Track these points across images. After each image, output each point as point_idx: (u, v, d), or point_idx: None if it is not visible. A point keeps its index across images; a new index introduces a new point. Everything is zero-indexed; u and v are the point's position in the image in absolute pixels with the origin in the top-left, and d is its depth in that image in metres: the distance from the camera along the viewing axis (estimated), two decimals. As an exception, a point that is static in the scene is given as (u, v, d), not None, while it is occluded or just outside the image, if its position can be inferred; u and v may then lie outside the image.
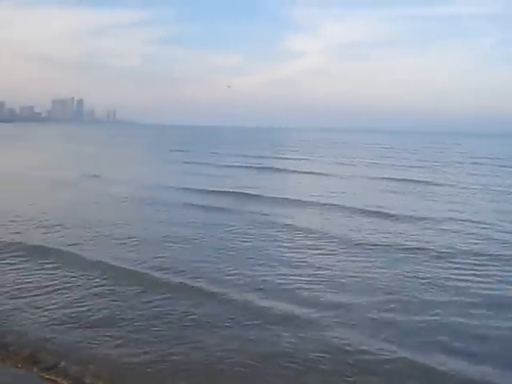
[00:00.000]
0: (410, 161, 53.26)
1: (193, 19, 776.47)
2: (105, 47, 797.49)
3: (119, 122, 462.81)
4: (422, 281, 11.90)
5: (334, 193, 27.13)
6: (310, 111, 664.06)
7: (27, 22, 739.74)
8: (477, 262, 13.55)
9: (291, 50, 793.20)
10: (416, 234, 17.07)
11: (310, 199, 24.21)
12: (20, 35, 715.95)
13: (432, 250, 14.81)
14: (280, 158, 53.46)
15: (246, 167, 41.90)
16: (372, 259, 13.83)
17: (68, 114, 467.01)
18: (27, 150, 59.07)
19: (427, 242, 15.76)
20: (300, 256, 13.96)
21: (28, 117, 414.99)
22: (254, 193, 25.90)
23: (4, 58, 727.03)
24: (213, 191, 26.30)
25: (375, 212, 21.08)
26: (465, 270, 12.90)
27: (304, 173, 38.71)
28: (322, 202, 23.50)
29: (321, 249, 14.91)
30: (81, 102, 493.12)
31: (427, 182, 32.76)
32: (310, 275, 12.18)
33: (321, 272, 12.47)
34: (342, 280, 11.91)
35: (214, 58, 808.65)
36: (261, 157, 54.17)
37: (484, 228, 18.27)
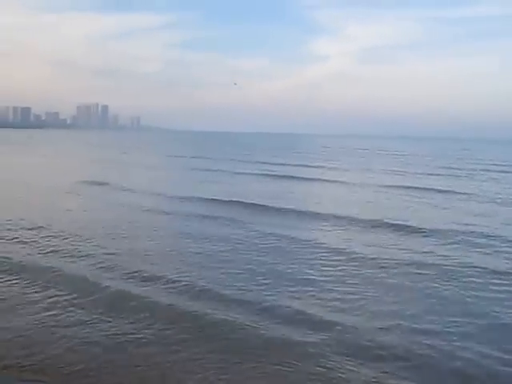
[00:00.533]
0: (435, 168, 51.91)
1: (216, 23, 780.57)
2: (129, 52, 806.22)
3: (143, 128, 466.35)
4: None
5: (354, 204, 26.26)
6: (334, 116, 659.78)
7: (52, 27, 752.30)
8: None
9: (315, 53, 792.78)
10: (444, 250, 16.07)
11: (329, 211, 23.27)
12: (45, 41, 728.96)
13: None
14: (305, 166, 52.56)
15: (267, 175, 41.55)
16: (400, 280, 12.88)
17: (93, 120, 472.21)
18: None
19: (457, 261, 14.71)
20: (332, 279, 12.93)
21: (53, 123, 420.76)
22: (273, 205, 24.96)
23: (29, 63, 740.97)
24: (239, 202, 25.66)
25: (401, 226, 20.07)
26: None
27: (326, 181, 38.02)
28: (341, 214, 22.53)
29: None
30: (105, 107, 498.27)
31: (458, 192, 31.33)
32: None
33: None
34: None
35: (238, 62, 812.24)
36: (285, 164, 53.86)
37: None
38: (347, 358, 8.37)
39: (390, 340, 9.08)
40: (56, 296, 11.09)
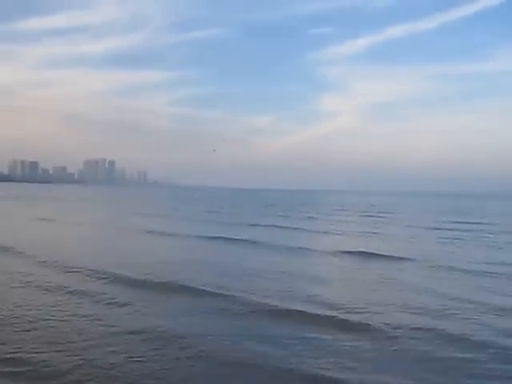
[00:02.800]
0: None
1: (226, 80, 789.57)
2: (138, 108, 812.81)
3: (150, 183, 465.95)
4: None
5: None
6: (343, 172, 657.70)
7: (61, 82, 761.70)
8: None
9: (325, 110, 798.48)
10: None
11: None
12: (53, 95, 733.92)
13: None
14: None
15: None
16: None
17: (100, 174, 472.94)
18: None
19: None
20: None
21: (61, 177, 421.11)
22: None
23: (37, 117, 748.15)
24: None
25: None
26: None
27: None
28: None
29: None
30: (112, 162, 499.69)
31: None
32: None
33: None
34: None
35: (246, 119, 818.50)
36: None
37: None
38: None
39: None
40: None
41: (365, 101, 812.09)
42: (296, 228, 39.66)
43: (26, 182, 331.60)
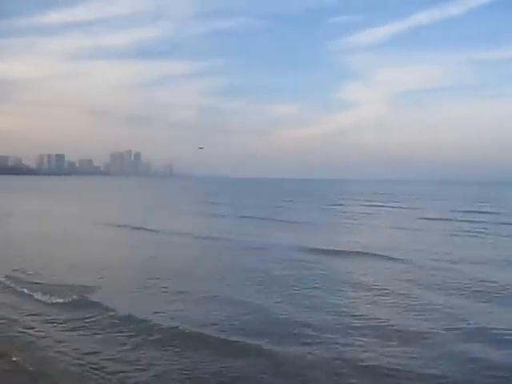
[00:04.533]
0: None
1: (248, 70, 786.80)
2: (163, 99, 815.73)
3: (176, 175, 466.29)
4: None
5: None
6: (367, 162, 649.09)
7: (85, 74, 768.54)
8: None
9: (349, 99, 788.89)
10: None
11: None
12: (78, 88, 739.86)
13: None
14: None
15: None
16: None
17: (125, 167, 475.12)
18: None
19: None
20: None
21: (87, 170, 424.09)
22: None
23: (63, 110, 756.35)
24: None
25: None
26: None
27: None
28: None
29: None
30: (138, 155, 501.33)
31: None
32: None
33: None
34: None
35: (270, 109, 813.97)
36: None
37: None
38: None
39: None
40: None
41: (390, 89, 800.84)
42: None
43: (53, 174, 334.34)
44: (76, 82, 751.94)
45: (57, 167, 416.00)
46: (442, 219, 38.53)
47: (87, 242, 23.81)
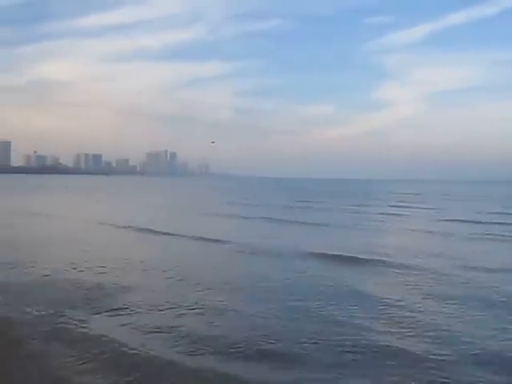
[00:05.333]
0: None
1: (282, 71, 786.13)
2: (197, 100, 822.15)
3: (211, 174, 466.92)
4: None
5: None
6: (402, 162, 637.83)
7: (122, 75, 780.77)
8: None
9: (382, 99, 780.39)
10: None
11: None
12: (115, 89, 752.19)
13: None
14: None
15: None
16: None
17: (161, 167, 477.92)
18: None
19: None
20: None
21: (123, 169, 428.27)
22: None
23: (100, 111, 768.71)
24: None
25: None
26: None
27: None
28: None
29: None
30: (174, 154, 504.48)
31: None
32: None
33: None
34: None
35: (304, 109, 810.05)
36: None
37: None
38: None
39: None
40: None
41: (425, 89, 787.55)
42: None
43: (90, 174, 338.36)
44: (113, 83, 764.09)
45: (94, 167, 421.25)
46: (470, 221, 35.30)
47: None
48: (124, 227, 27.89)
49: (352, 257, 18.87)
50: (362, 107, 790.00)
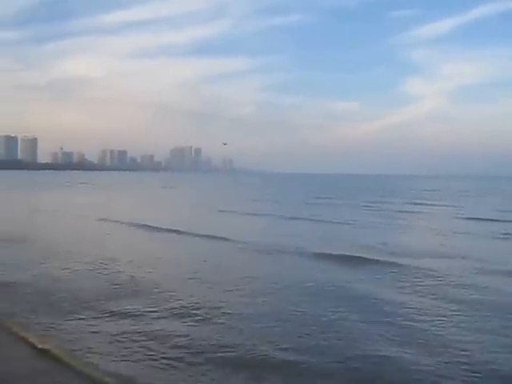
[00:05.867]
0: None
1: (306, 66, 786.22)
2: (221, 95, 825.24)
3: (236, 170, 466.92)
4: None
5: None
6: (429, 157, 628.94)
7: (146, 72, 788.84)
8: None
9: (409, 94, 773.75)
10: None
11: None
12: (139, 85, 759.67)
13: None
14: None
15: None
16: None
17: (186, 162, 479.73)
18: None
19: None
20: None
21: (148, 165, 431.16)
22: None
23: (125, 107, 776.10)
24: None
25: None
26: None
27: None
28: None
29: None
30: (198, 150, 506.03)
31: None
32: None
33: None
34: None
35: (330, 104, 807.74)
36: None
37: None
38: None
39: None
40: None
41: (451, 83, 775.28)
42: None
43: (116, 170, 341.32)
44: (137, 80, 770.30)
45: (119, 163, 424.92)
46: (489, 220, 33.96)
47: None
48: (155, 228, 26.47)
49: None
50: (388, 102, 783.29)
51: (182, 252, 20.18)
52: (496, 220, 33.37)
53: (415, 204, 49.75)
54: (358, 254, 18.36)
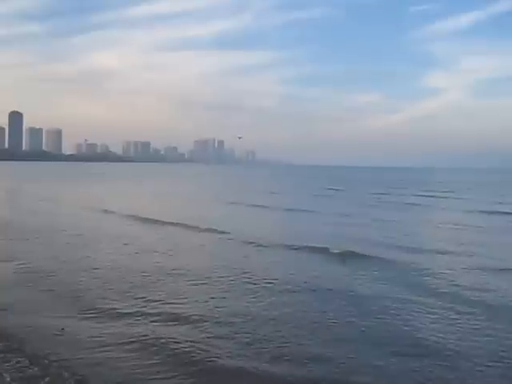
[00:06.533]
0: None
1: (328, 59, 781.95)
2: (244, 88, 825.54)
3: (258, 162, 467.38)
4: None
5: None
6: (449, 150, 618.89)
7: (170, 65, 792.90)
8: None
9: (430, 87, 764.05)
10: None
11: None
12: (163, 78, 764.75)
13: None
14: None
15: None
16: None
17: (209, 154, 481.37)
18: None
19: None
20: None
21: (172, 157, 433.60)
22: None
23: (149, 99, 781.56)
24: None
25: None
26: None
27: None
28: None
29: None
30: (221, 142, 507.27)
31: None
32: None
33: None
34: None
35: (350, 97, 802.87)
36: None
37: None
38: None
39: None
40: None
41: (472, 77, 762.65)
42: None
43: (139, 161, 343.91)
44: (162, 72, 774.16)
45: (143, 154, 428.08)
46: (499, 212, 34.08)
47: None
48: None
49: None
50: (408, 95, 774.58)
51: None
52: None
53: (436, 196, 49.82)
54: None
